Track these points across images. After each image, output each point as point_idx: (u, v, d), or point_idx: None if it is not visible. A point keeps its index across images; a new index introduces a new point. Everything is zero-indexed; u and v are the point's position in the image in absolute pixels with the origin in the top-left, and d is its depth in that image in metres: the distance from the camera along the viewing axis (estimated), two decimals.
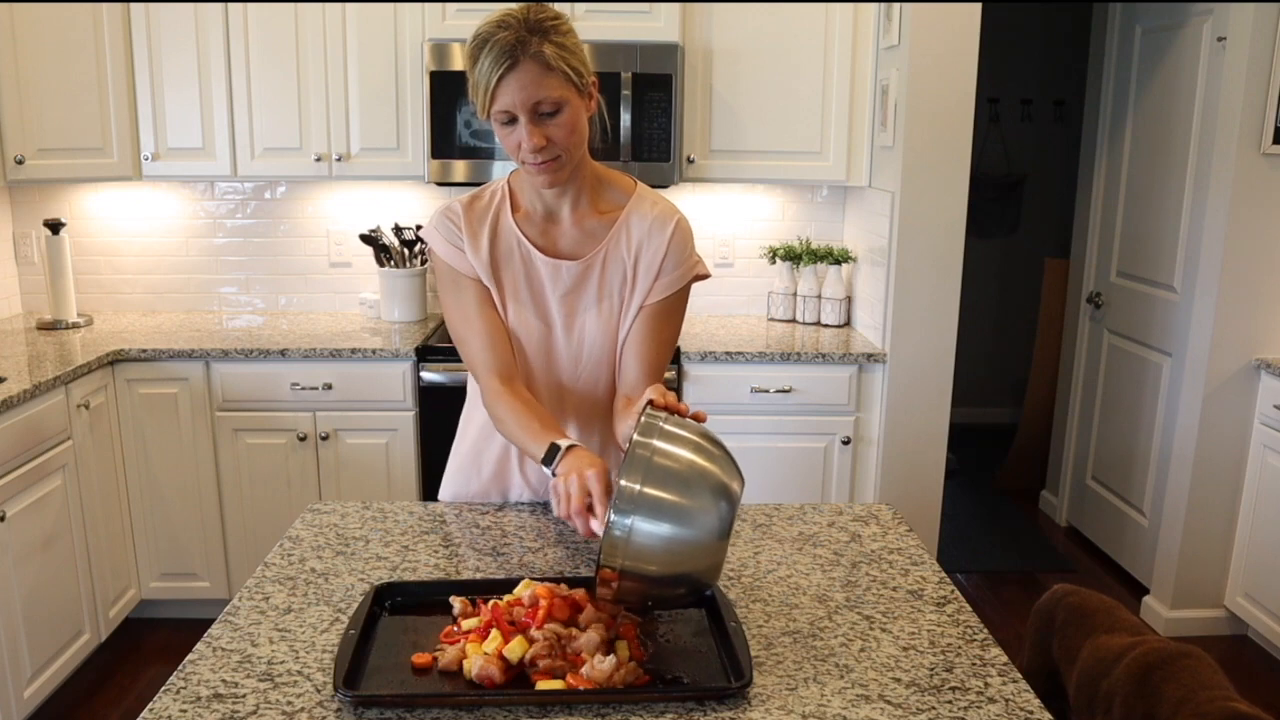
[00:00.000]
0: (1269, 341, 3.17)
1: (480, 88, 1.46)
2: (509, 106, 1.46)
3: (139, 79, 3.23)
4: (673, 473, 1.23)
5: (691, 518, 1.22)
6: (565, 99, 1.47)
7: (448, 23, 3.15)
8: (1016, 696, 1.19)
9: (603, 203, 1.65)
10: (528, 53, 1.43)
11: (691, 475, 1.24)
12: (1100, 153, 4.03)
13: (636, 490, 1.20)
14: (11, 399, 2.51)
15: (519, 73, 1.43)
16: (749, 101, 3.28)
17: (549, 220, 1.64)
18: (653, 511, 1.20)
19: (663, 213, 1.65)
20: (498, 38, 1.43)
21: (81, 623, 2.87)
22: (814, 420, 3.17)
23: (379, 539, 1.63)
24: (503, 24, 1.44)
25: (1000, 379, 5.64)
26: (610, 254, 1.64)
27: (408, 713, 1.13)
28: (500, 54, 1.42)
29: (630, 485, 1.20)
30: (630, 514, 1.19)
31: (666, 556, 1.22)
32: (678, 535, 1.21)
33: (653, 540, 1.20)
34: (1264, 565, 3.12)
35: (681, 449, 1.26)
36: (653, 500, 1.20)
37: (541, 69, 1.44)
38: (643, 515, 1.20)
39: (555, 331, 1.66)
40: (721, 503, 1.23)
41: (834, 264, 3.49)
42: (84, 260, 3.63)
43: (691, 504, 1.22)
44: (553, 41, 1.45)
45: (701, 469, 1.25)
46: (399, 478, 3.16)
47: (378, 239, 3.44)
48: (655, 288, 1.63)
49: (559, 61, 1.45)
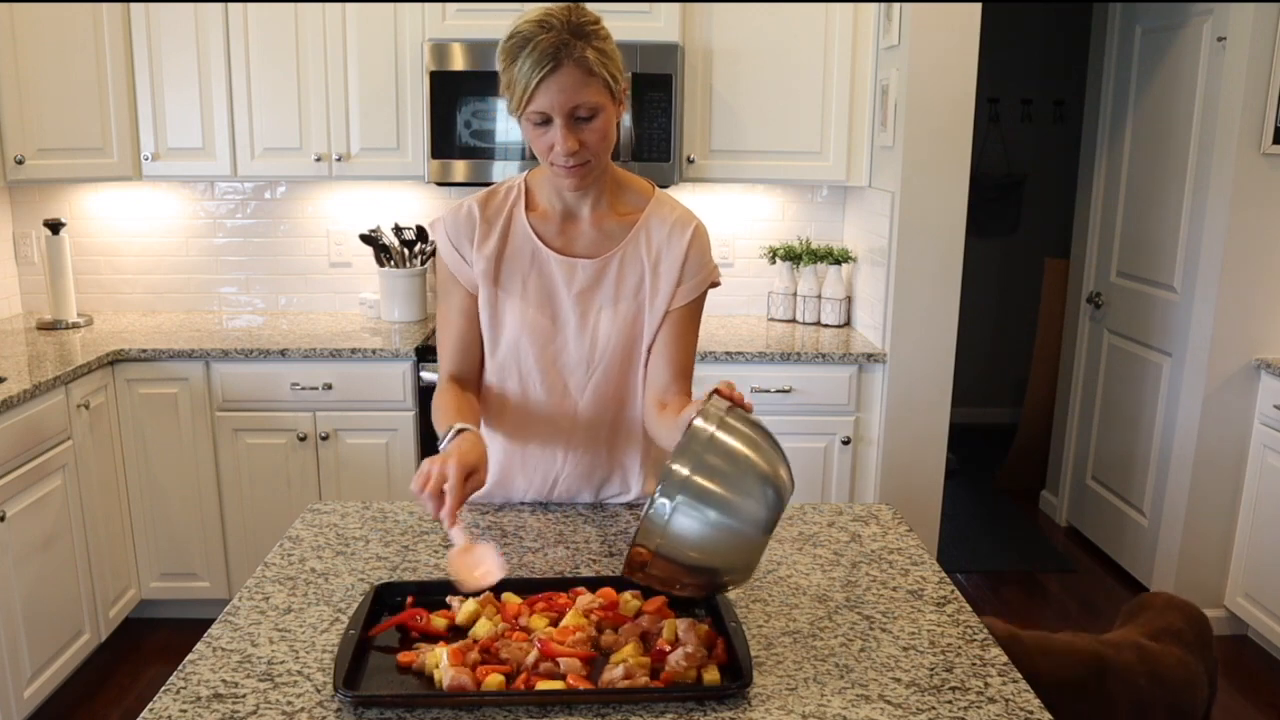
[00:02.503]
0: (1269, 341, 3.17)
1: (518, 87, 1.45)
2: (546, 109, 1.45)
3: (139, 79, 3.23)
4: (726, 463, 1.24)
5: (735, 510, 1.22)
6: (602, 105, 1.47)
7: (448, 23, 3.15)
8: (1016, 696, 1.19)
9: (622, 205, 1.66)
10: (571, 57, 1.42)
11: (743, 468, 1.25)
12: (1100, 153, 4.03)
13: (684, 475, 1.21)
14: (11, 399, 2.51)
15: (561, 76, 1.42)
16: (749, 101, 3.28)
17: (568, 219, 1.65)
18: (697, 498, 1.21)
19: (681, 217, 1.67)
20: (541, 39, 1.42)
21: (81, 623, 2.87)
22: (814, 420, 3.17)
23: (379, 539, 1.63)
24: (545, 24, 1.43)
25: (1000, 379, 5.64)
26: (628, 255, 1.64)
27: (408, 713, 1.13)
28: (543, 55, 1.41)
29: (679, 470, 1.21)
30: (674, 496, 1.20)
31: (703, 545, 1.22)
32: (719, 524, 1.22)
33: (692, 527, 1.21)
34: (1264, 565, 3.12)
35: (737, 441, 1.26)
36: (698, 488, 1.21)
37: (584, 74, 1.43)
38: (687, 500, 1.20)
39: (567, 331, 1.66)
40: (767, 497, 1.24)
41: (834, 264, 3.49)
42: (84, 260, 3.63)
43: (737, 497, 1.23)
44: (595, 47, 1.44)
45: (753, 464, 1.26)
46: (399, 478, 3.16)
47: (378, 239, 3.44)
48: (679, 293, 1.65)
49: (600, 68, 1.44)
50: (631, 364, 1.69)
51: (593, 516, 1.72)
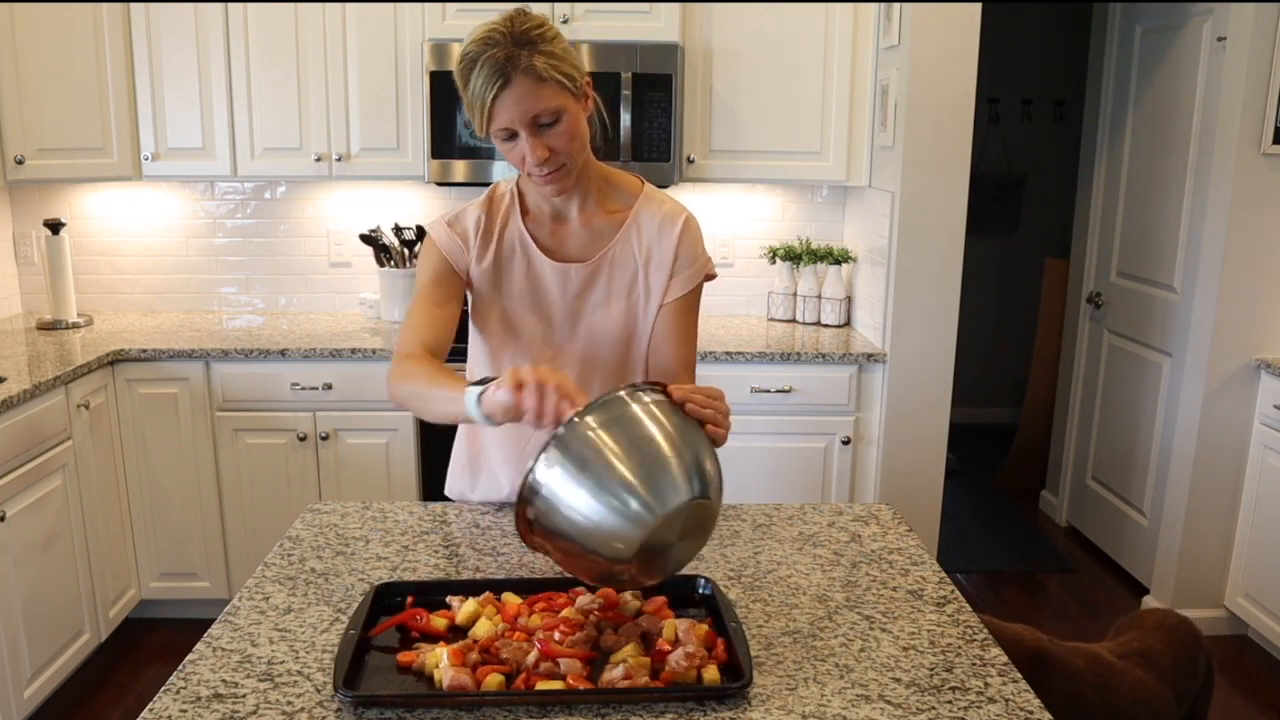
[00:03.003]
0: (1269, 341, 3.17)
1: (476, 107, 1.45)
2: (507, 124, 1.46)
3: (139, 79, 3.23)
4: (627, 435, 1.16)
5: (603, 493, 1.13)
6: (563, 107, 1.47)
7: (448, 23, 3.15)
8: (1016, 696, 1.19)
9: (610, 203, 1.66)
10: (519, 68, 1.42)
11: (644, 449, 1.17)
12: (1100, 153, 4.03)
13: (577, 428, 1.15)
14: (11, 399, 2.51)
15: (513, 89, 1.43)
16: (749, 101, 3.29)
17: (557, 221, 1.65)
18: (577, 463, 1.13)
19: (670, 211, 1.66)
20: (486, 56, 1.42)
21: (81, 623, 2.87)
22: (814, 420, 3.17)
23: (379, 539, 1.63)
24: (489, 40, 1.43)
25: (1000, 379, 5.64)
26: (619, 253, 1.64)
27: (408, 713, 1.13)
28: (492, 73, 1.42)
29: (581, 419, 1.15)
30: (555, 460, 1.14)
31: (567, 522, 1.15)
32: (581, 505, 1.14)
33: (560, 496, 1.14)
34: (1264, 565, 3.12)
35: (650, 425, 1.18)
36: (580, 454, 1.14)
37: (535, 82, 1.43)
38: (566, 466, 1.14)
39: (559, 335, 1.66)
40: (640, 499, 1.13)
41: (834, 264, 3.49)
42: (84, 260, 3.63)
43: (610, 479, 1.14)
44: (542, 52, 1.44)
45: (658, 449, 1.17)
46: (399, 478, 3.16)
47: (378, 239, 3.44)
48: (672, 286, 1.65)
49: (551, 72, 1.44)
50: (628, 362, 1.69)
51: None
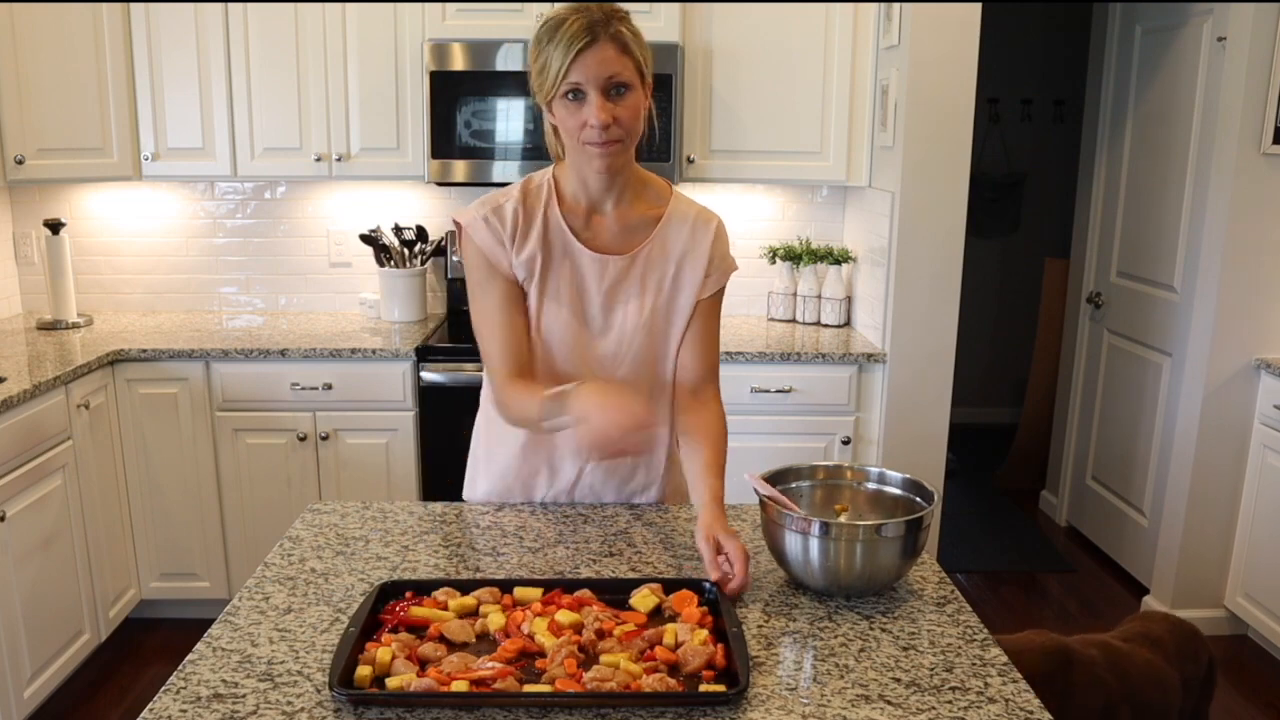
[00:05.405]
0: (1269, 341, 3.17)
1: (552, 66, 1.49)
2: (580, 81, 1.49)
3: (139, 79, 3.23)
4: None
5: None
6: (635, 83, 1.53)
7: (448, 23, 3.15)
8: (1016, 696, 1.19)
9: (644, 201, 1.69)
10: (607, 32, 1.49)
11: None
12: (1100, 153, 4.03)
13: None
14: (11, 399, 2.51)
15: (597, 49, 1.48)
16: (749, 101, 3.28)
17: (593, 212, 1.66)
18: None
19: (701, 214, 1.72)
20: (576, 19, 1.49)
21: (81, 623, 2.87)
22: (814, 420, 3.16)
23: (379, 539, 1.63)
24: (579, 10, 1.51)
25: (1000, 379, 5.64)
26: (655, 251, 1.67)
27: (407, 712, 1.13)
28: (580, 31, 1.48)
29: None
30: None
31: None
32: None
33: None
34: (1264, 565, 3.12)
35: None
36: None
37: (619, 49, 1.50)
38: None
39: (592, 327, 1.67)
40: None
41: (834, 264, 3.49)
42: (84, 260, 3.63)
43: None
44: (629, 28, 1.53)
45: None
46: (399, 478, 3.16)
47: (378, 239, 3.44)
48: (706, 285, 1.69)
49: (633, 46, 1.52)
50: (657, 359, 1.70)
51: (593, 516, 1.72)
